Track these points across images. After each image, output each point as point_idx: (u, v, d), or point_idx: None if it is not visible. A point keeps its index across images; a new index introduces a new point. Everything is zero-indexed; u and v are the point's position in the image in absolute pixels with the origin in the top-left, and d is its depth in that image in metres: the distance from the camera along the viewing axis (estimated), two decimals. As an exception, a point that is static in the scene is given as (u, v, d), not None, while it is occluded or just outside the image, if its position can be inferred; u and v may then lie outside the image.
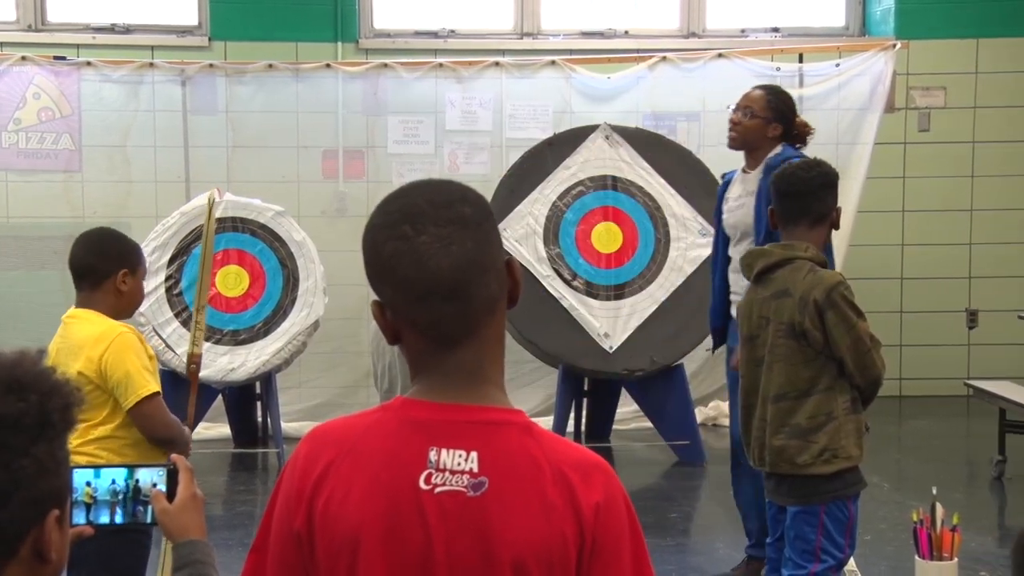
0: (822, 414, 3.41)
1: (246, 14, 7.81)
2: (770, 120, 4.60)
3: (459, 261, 1.49)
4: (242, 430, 7.10)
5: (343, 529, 1.49)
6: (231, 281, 6.70)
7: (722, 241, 4.81)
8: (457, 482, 1.48)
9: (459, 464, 1.48)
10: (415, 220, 1.50)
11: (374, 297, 1.56)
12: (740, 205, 4.66)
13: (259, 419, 7.18)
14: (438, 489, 1.48)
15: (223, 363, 6.56)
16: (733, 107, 4.74)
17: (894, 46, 7.46)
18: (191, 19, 7.94)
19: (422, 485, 1.48)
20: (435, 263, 1.49)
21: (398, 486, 1.48)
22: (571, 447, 1.56)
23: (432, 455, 1.48)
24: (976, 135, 8.11)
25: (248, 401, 7.11)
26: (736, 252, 4.62)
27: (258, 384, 6.88)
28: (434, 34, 8.05)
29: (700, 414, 7.25)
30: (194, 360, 3.63)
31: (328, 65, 7.50)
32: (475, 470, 1.48)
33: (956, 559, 3.79)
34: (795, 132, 4.66)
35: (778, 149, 4.59)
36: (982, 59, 8.06)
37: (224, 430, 7.10)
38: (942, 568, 3.75)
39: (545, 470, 1.49)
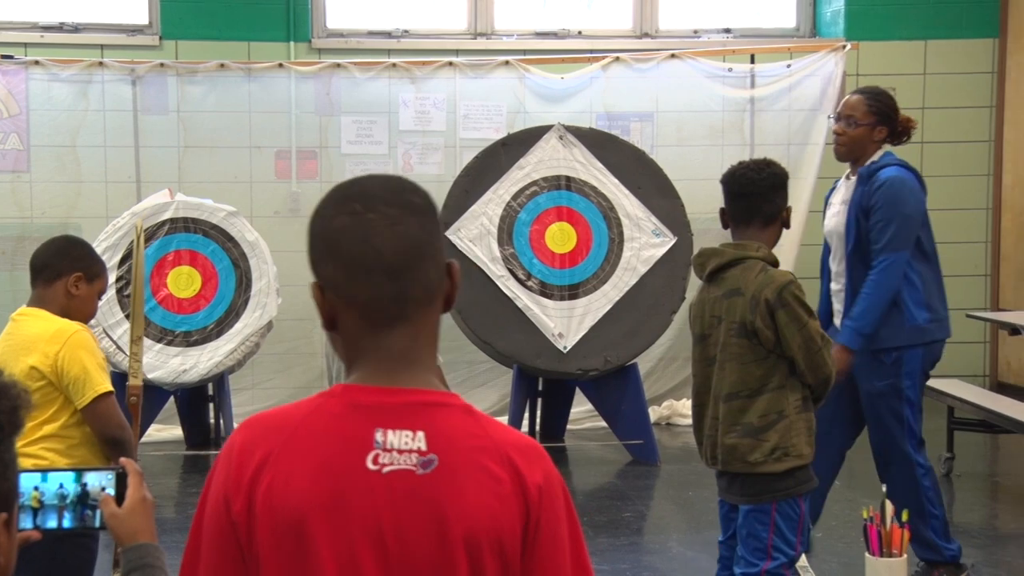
0: (774, 412, 3.44)
1: (197, 13, 7.75)
2: (874, 124, 4.52)
3: (404, 241, 1.53)
4: (194, 432, 7.04)
5: (287, 514, 1.48)
6: (183, 282, 6.65)
7: (824, 249, 4.73)
8: (406, 461, 1.48)
9: (407, 443, 1.48)
10: (366, 199, 1.55)
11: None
12: (836, 213, 4.61)
13: (212, 421, 7.13)
14: (386, 469, 1.48)
15: (175, 364, 6.51)
16: (833, 117, 4.66)
17: (844, 47, 7.53)
18: (141, 18, 7.87)
19: (370, 465, 1.48)
20: (380, 240, 1.52)
21: (345, 469, 1.48)
22: (509, 429, 1.59)
23: (378, 436, 1.49)
24: (924, 135, 8.19)
25: (200, 403, 7.05)
26: (833, 262, 4.62)
27: (211, 385, 6.84)
28: (387, 34, 8.03)
29: (654, 413, 7.29)
30: (134, 392, 3.61)
31: (281, 65, 7.47)
32: (423, 448, 1.48)
33: (905, 555, 3.83)
34: (899, 129, 4.58)
35: (876, 156, 4.52)
36: (930, 61, 8.16)
37: (176, 432, 7.04)
38: (891, 564, 3.79)
39: (491, 450, 1.50)
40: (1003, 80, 8.12)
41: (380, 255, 1.52)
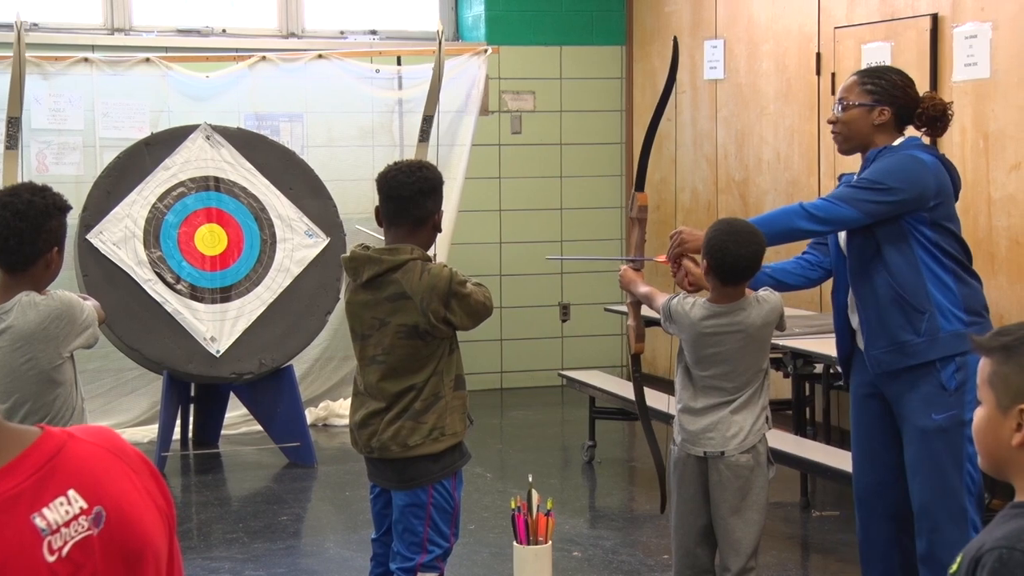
0: (432, 395, 3.55)
1: None
2: (870, 106, 3.67)
3: None
4: None
5: None
6: None
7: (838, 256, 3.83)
8: (77, 530, 1.34)
9: (67, 512, 1.34)
10: None
11: None
12: None
13: None
14: (65, 549, 1.33)
15: None
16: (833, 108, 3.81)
17: (485, 51, 7.77)
18: None
19: (48, 558, 1.32)
20: None
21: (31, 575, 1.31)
22: (105, 431, 1.47)
23: (39, 522, 1.32)
24: (563, 138, 8.61)
25: None
26: (842, 287, 3.83)
27: None
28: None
29: (310, 415, 7.27)
30: None
31: None
32: (85, 506, 1.35)
33: (550, 542, 4.01)
34: (918, 110, 3.70)
35: (899, 141, 3.68)
36: (565, 66, 8.56)
37: None
38: (538, 552, 3.96)
39: (124, 467, 1.41)
40: (631, 86, 8.63)
41: None
